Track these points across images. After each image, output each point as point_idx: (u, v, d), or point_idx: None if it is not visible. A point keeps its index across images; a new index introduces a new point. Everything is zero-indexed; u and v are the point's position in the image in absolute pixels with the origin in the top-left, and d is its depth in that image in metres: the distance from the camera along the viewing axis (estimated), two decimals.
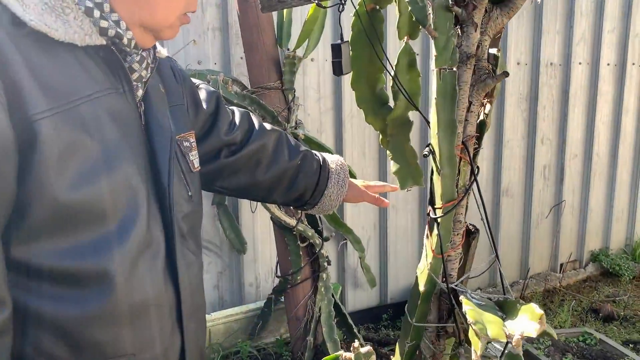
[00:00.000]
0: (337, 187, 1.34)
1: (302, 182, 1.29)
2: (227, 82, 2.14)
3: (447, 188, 1.18)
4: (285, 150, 1.28)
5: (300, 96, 2.77)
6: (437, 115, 1.15)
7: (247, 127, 1.23)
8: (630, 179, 4.22)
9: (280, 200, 1.33)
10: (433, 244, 1.19)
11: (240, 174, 1.22)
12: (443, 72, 1.14)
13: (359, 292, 3.14)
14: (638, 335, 3.09)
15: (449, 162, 1.17)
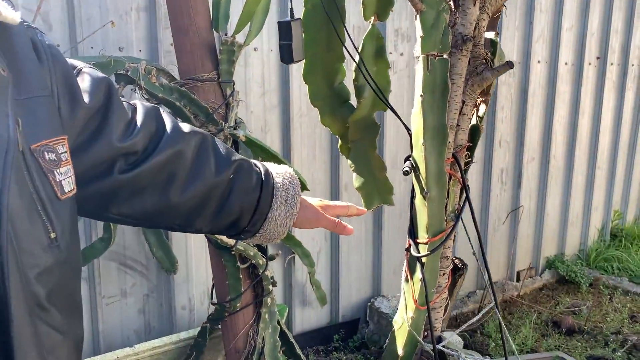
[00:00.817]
0: (285, 207, 0.99)
1: (237, 203, 0.94)
2: (151, 71, 1.76)
3: (435, 216, 0.87)
4: (211, 159, 0.92)
5: (242, 91, 2.42)
6: (422, 118, 0.84)
7: (154, 128, 0.87)
8: (585, 182, 4.10)
9: (206, 229, 0.97)
10: (415, 292, 0.88)
11: (145, 195, 0.86)
12: (431, 60, 0.83)
13: (307, 311, 2.82)
14: (601, 349, 2.92)
15: (438, 180, 0.87)
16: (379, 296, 3.03)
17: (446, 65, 0.84)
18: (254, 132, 2.49)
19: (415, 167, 0.87)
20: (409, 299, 0.93)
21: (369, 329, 2.96)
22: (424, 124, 0.84)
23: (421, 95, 0.83)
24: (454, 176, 0.91)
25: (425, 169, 0.85)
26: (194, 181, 0.89)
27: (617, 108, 4.14)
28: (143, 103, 0.90)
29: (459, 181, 0.91)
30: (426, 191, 0.85)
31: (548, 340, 2.98)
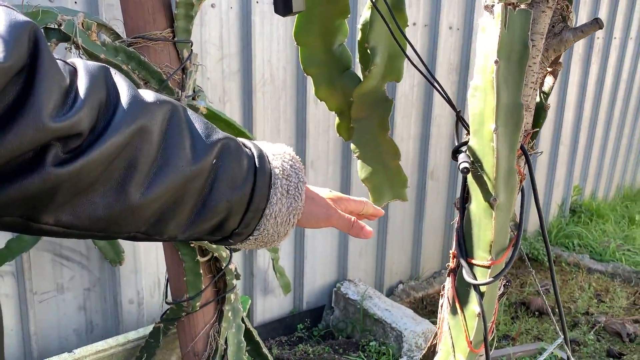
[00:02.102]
0: (287, 200, 0.73)
1: (223, 198, 0.67)
2: (91, 26, 1.43)
3: (502, 229, 0.64)
4: (185, 139, 0.63)
5: (198, 53, 2.09)
6: (496, 93, 0.59)
7: (104, 96, 0.57)
8: (548, 159, 4.01)
9: (183, 235, 0.68)
10: (469, 331, 0.65)
11: (94, 195, 0.57)
12: (510, 12, 0.57)
13: (269, 300, 2.58)
14: (572, 332, 2.84)
15: (507, 181, 0.63)
16: (345, 280, 2.82)
17: (528, 19, 0.60)
18: (212, 102, 2.18)
19: (474, 162, 0.63)
20: (458, 340, 0.70)
21: (334, 315, 2.76)
22: (497, 103, 0.60)
23: (496, 62, 0.59)
24: (520, 173, 0.67)
25: (495, 165, 0.61)
26: (162, 172, 0.61)
27: (582, 82, 4.05)
28: (86, 62, 0.59)
29: (522, 179, 0.68)
30: (494, 197, 0.62)
31: (520, 323, 2.87)
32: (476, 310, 0.67)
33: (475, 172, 0.65)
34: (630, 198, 4.95)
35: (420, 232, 3.17)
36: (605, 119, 4.48)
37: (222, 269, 1.76)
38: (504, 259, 0.66)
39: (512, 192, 0.66)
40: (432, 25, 2.87)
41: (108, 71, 0.60)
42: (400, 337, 2.42)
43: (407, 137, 2.94)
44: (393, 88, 2.74)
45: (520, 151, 0.67)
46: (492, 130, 0.61)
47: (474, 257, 0.68)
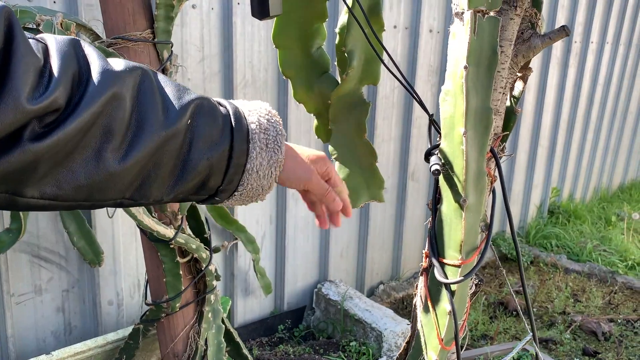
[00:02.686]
0: (267, 153, 0.75)
1: (203, 157, 0.69)
2: (70, 27, 1.42)
3: (472, 230, 0.66)
4: (157, 102, 0.65)
5: (179, 54, 2.09)
6: (465, 98, 0.61)
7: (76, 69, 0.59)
8: (526, 160, 4.07)
9: (168, 197, 0.70)
10: (440, 329, 0.66)
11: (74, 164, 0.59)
12: (479, 19, 0.59)
13: (250, 301, 2.58)
14: (549, 331, 2.89)
15: (477, 183, 0.65)
16: (326, 281, 2.84)
17: (497, 26, 0.62)
18: None
19: (446, 165, 0.64)
20: (430, 337, 0.72)
21: (315, 316, 2.77)
22: (467, 107, 0.61)
23: (465, 67, 0.60)
24: (490, 175, 0.69)
25: (465, 167, 0.63)
26: (138, 137, 0.63)
27: (560, 85, 4.12)
28: (56, 37, 0.60)
29: (492, 181, 0.70)
30: (464, 198, 0.63)
31: (497, 323, 2.91)
32: (447, 308, 0.68)
33: (446, 174, 0.67)
34: (607, 200, 5.05)
35: (401, 233, 3.19)
36: (583, 121, 4.56)
37: (202, 270, 1.77)
38: (474, 259, 0.68)
39: (482, 193, 0.67)
40: (412, 28, 2.90)
41: (78, 43, 0.62)
42: (380, 337, 2.44)
43: (387, 139, 2.96)
44: (374, 90, 2.76)
45: (490, 154, 0.69)
46: (462, 133, 0.63)
47: (445, 256, 0.70)
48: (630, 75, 4.95)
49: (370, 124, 2.80)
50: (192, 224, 1.83)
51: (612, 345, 2.79)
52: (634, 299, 3.30)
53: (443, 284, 0.69)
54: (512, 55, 0.69)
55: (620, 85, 4.87)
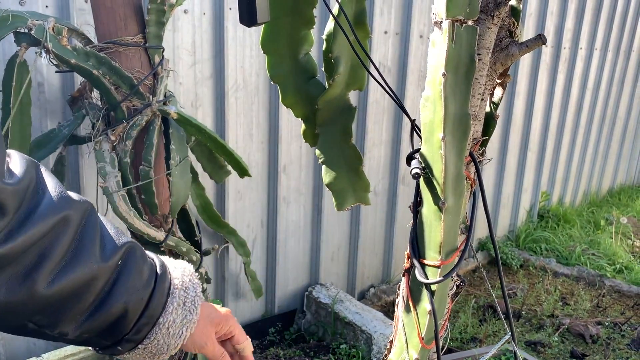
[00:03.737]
0: (183, 312, 0.74)
1: (121, 299, 0.68)
2: (62, 31, 1.44)
3: (451, 231, 0.68)
4: (97, 237, 0.67)
5: (170, 59, 2.11)
6: (444, 104, 0.63)
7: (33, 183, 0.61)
8: (516, 165, 4.11)
9: (73, 333, 0.67)
10: (422, 327, 0.68)
11: None
12: (457, 28, 0.62)
13: (241, 304, 2.59)
14: (538, 334, 2.92)
15: (456, 186, 0.67)
16: (317, 284, 2.85)
17: (474, 35, 0.64)
18: (184, 107, 2.19)
19: (426, 169, 0.67)
20: (411, 336, 0.74)
21: (306, 319, 2.78)
22: (445, 113, 0.64)
23: (443, 75, 0.63)
24: (469, 178, 0.72)
25: (444, 171, 0.65)
26: (72, 266, 0.63)
27: (549, 91, 4.16)
28: (21, 154, 0.63)
29: (472, 184, 0.72)
30: (443, 200, 0.66)
31: (487, 326, 2.94)
32: (428, 307, 0.70)
33: (427, 177, 0.69)
34: (596, 204, 5.09)
35: (392, 237, 3.22)
36: (572, 126, 4.60)
37: None
38: (454, 259, 0.70)
39: (461, 196, 0.70)
40: (403, 33, 2.93)
41: (38, 166, 0.64)
42: (370, 340, 2.45)
43: (378, 143, 2.99)
44: (365, 95, 2.79)
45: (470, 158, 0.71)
46: (441, 138, 0.65)
47: (426, 257, 0.72)
48: (618, 80, 5.01)
49: (361, 128, 2.82)
50: (182, 227, 1.84)
51: (599, 347, 2.82)
52: (621, 302, 3.34)
53: (424, 284, 0.71)
54: (491, 62, 0.71)
55: (609, 90, 4.93)
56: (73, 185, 1.96)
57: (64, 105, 1.88)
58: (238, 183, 2.42)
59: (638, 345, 2.83)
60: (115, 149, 1.57)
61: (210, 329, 0.80)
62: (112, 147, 1.57)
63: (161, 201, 1.65)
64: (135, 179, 1.60)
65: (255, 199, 2.52)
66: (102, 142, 1.56)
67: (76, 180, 1.96)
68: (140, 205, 1.62)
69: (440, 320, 0.73)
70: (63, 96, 1.88)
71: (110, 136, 1.56)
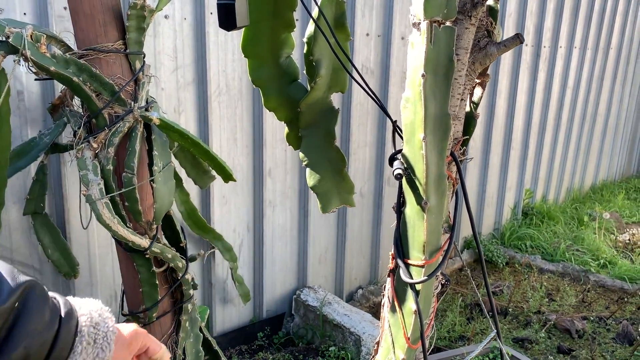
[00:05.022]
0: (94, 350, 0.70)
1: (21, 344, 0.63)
2: (40, 39, 1.42)
3: (434, 231, 0.68)
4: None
5: (152, 64, 2.10)
6: (424, 105, 0.63)
7: None
8: (500, 163, 4.15)
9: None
10: (407, 327, 0.69)
11: None
12: (435, 29, 0.62)
13: (229, 309, 2.58)
14: (525, 330, 2.94)
15: (437, 186, 0.67)
16: (304, 287, 2.85)
17: (452, 36, 0.64)
18: (166, 112, 2.18)
19: (408, 169, 0.67)
20: (397, 336, 0.74)
21: (295, 322, 2.78)
22: (425, 113, 0.64)
23: (422, 76, 0.63)
24: (451, 177, 0.72)
25: (425, 171, 0.65)
26: None
27: (530, 89, 4.21)
28: None
29: (454, 184, 0.73)
30: (425, 200, 0.66)
31: (475, 324, 2.96)
32: (413, 307, 0.71)
33: (409, 177, 0.69)
34: (579, 200, 5.15)
35: (379, 238, 3.22)
36: (554, 124, 4.66)
37: (178, 280, 1.77)
38: (437, 259, 0.71)
39: (443, 195, 0.70)
40: (385, 35, 2.94)
41: None
42: (359, 341, 2.46)
43: (363, 145, 3.00)
44: (348, 96, 2.79)
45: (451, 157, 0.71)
46: (421, 139, 0.65)
47: (410, 257, 0.72)
48: (598, 77, 5.08)
49: (346, 131, 2.83)
50: (167, 234, 1.83)
51: (585, 342, 2.85)
52: (606, 296, 3.38)
53: (408, 284, 0.71)
54: (470, 62, 0.72)
55: (589, 88, 4.99)
56: (56, 194, 1.94)
57: (44, 113, 1.86)
58: (223, 188, 2.41)
59: (623, 339, 2.86)
60: (97, 157, 1.56)
61: (125, 354, 0.76)
62: (94, 154, 1.55)
63: (145, 208, 1.63)
64: (119, 186, 1.59)
65: (241, 203, 2.51)
66: (84, 150, 1.54)
67: (59, 189, 1.94)
68: (124, 212, 1.61)
69: (426, 320, 0.73)
70: (43, 104, 1.86)
71: (92, 143, 1.54)
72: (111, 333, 0.71)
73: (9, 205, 1.83)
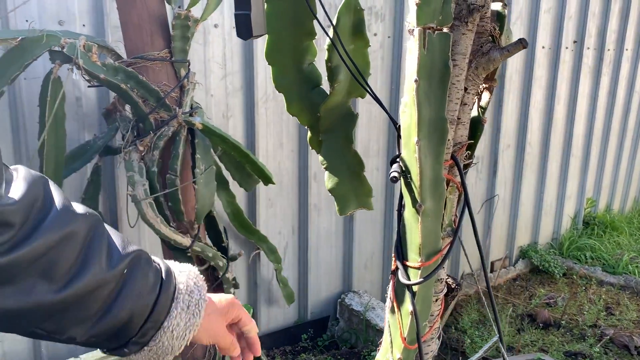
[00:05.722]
0: (186, 316, 0.77)
1: (127, 306, 0.71)
2: (91, 48, 1.53)
3: (431, 234, 0.70)
4: (104, 248, 0.70)
5: (201, 72, 2.19)
6: (417, 109, 0.65)
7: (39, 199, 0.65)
8: (558, 170, 4.00)
9: (82, 338, 0.70)
10: (404, 327, 0.70)
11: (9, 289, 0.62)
12: (429, 35, 0.64)
13: (274, 310, 2.64)
14: (579, 344, 2.83)
15: (434, 189, 0.69)
16: (349, 292, 2.87)
17: (447, 42, 0.65)
18: (215, 118, 2.27)
19: (405, 172, 0.68)
20: (395, 336, 0.75)
21: (339, 326, 2.80)
22: (419, 118, 0.65)
23: (415, 81, 0.65)
24: (452, 181, 0.73)
25: (419, 174, 0.67)
26: (80, 275, 0.66)
27: (592, 94, 4.04)
28: (28, 170, 0.67)
29: (457, 188, 0.73)
30: (420, 203, 0.67)
31: (524, 336, 2.87)
32: (410, 308, 0.72)
33: (406, 181, 0.71)
34: None
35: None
36: (619, 130, 4.45)
37: (219, 278, 1.83)
38: (434, 261, 0.72)
39: (440, 199, 0.71)
40: None
41: (46, 180, 0.68)
42: None
43: None
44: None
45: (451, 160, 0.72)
46: (415, 142, 0.67)
47: (408, 259, 0.74)
48: None
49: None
50: (211, 234, 1.90)
51: None
52: None
53: (406, 285, 0.72)
54: (473, 67, 0.72)
55: None
56: (109, 194, 2.06)
57: (100, 118, 1.98)
58: (269, 191, 2.47)
59: None
60: (143, 159, 1.65)
61: (221, 320, 0.83)
62: (140, 157, 1.64)
63: (188, 208, 1.71)
64: (163, 187, 1.67)
65: (286, 206, 2.57)
66: (131, 153, 1.63)
67: (112, 189, 2.06)
68: (168, 212, 1.69)
69: (426, 322, 0.74)
70: (99, 110, 1.98)
71: (139, 146, 1.63)
72: (202, 301, 0.77)
73: None
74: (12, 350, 1.99)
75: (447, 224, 0.75)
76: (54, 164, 1.59)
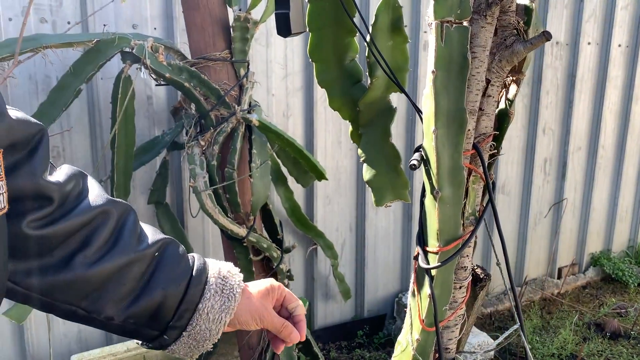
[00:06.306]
0: (221, 298, 0.79)
1: (160, 286, 0.76)
2: (158, 49, 1.64)
3: (449, 220, 0.72)
4: (136, 230, 0.76)
5: (263, 72, 2.28)
6: (435, 100, 0.68)
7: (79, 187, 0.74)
8: (636, 174, 3.80)
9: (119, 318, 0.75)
10: (422, 310, 0.73)
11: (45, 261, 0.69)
12: (447, 28, 0.67)
13: (330, 305, 2.69)
14: None
15: (453, 177, 0.71)
16: (407, 292, 2.87)
17: (465, 35, 0.68)
18: (276, 116, 2.36)
19: (424, 160, 0.72)
20: (414, 318, 0.78)
21: (397, 325, 2.81)
22: (436, 108, 0.68)
23: (433, 72, 0.67)
24: (475, 171, 0.75)
25: (436, 162, 0.70)
26: (112, 252, 0.72)
27: None
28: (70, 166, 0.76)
29: (481, 177, 0.75)
30: (437, 190, 0.70)
31: (590, 345, 2.76)
32: (428, 291, 0.74)
33: (426, 169, 0.74)
34: None
35: (487, 242, 3.14)
36: None
37: (273, 269, 1.91)
38: (453, 247, 0.74)
39: (459, 187, 0.73)
40: None
41: (85, 175, 0.77)
42: None
43: None
44: None
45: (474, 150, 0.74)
46: (432, 131, 0.69)
47: (428, 244, 0.76)
48: None
49: None
50: (267, 227, 1.98)
51: None
52: None
53: (424, 269, 0.75)
54: (496, 60, 0.74)
55: None
56: (176, 187, 2.19)
57: (168, 115, 2.11)
58: (327, 188, 2.53)
59: None
60: (204, 153, 1.75)
61: (264, 302, 0.84)
62: (201, 151, 1.75)
63: (244, 200, 1.80)
64: (222, 180, 1.77)
65: (344, 204, 2.62)
66: (193, 147, 1.74)
67: (178, 182, 2.19)
68: (226, 203, 1.79)
69: (446, 307, 0.77)
70: (168, 108, 2.11)
71: (200, 141, 1.74)
72: (237, 286, 0.80)
73: (137, 195, 2.10)
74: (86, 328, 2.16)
75: (470, 212, 0.78)
76: (125, 157, 1.73)
